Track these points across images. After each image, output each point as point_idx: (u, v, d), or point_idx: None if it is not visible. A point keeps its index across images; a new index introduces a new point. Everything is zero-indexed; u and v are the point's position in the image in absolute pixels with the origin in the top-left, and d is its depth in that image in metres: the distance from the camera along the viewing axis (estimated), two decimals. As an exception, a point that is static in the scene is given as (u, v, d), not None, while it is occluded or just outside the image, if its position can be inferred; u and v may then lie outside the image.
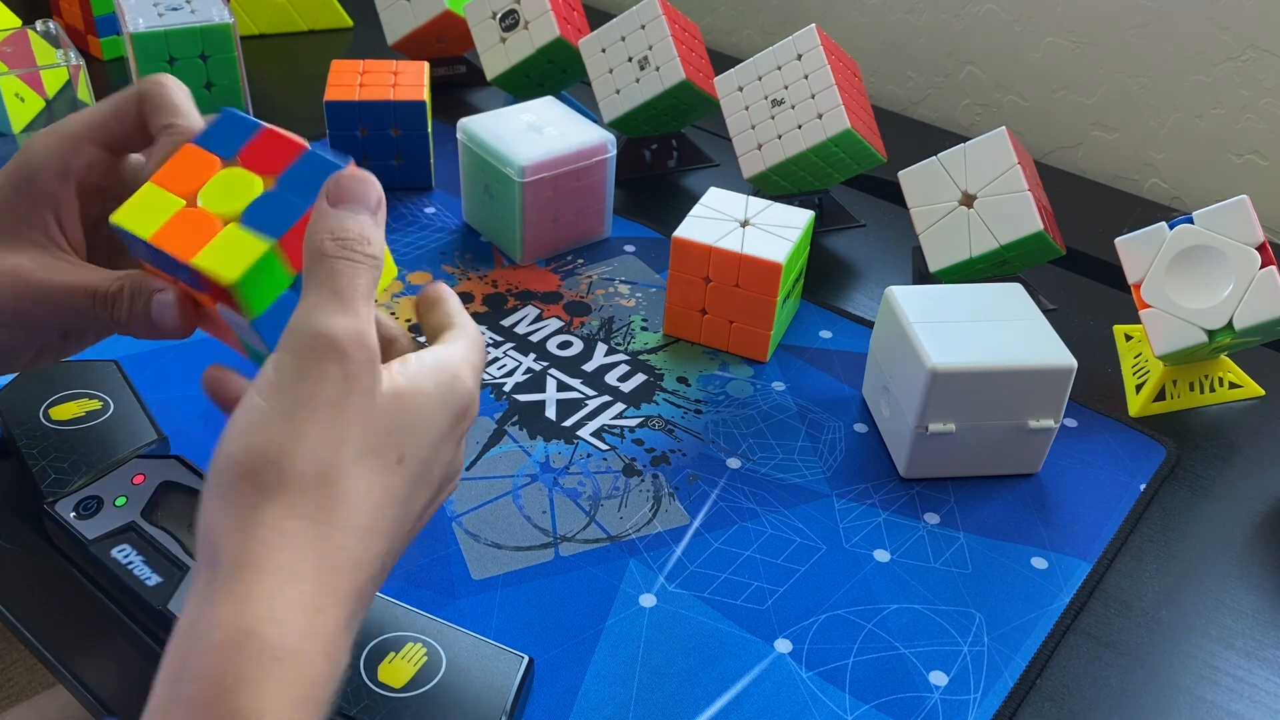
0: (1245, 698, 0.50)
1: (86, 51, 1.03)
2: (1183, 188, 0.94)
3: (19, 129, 0.81)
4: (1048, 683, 0.50)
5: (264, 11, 1.09)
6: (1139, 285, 0.64)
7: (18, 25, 0.85)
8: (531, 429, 0.62)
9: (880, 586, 0.53)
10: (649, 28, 0.81)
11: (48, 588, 0.51)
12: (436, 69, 0.98)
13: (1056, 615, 0.52)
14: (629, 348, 0.69)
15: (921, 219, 0.70)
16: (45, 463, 0.53)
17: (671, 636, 0.50)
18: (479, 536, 0.55)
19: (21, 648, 1.06)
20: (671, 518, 0.57)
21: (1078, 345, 0.69)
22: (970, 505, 0.58)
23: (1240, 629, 0.53)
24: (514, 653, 0.46)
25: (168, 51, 0.83)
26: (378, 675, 0.44)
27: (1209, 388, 0.67)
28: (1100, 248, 0.80)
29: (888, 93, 1.07)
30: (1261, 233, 0.61)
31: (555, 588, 0.52)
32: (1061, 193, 0.88)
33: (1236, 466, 0.63)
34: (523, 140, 0.73)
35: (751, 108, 0.77)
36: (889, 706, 0.48)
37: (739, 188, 0.77)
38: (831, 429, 0.63)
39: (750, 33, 1.14)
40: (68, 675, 0.48)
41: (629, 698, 0.47)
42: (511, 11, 0.88)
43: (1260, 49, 0.85)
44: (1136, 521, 0.59)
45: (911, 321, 0.58)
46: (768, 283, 0.65)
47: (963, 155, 0.69)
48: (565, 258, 0.77)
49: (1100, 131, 0.96)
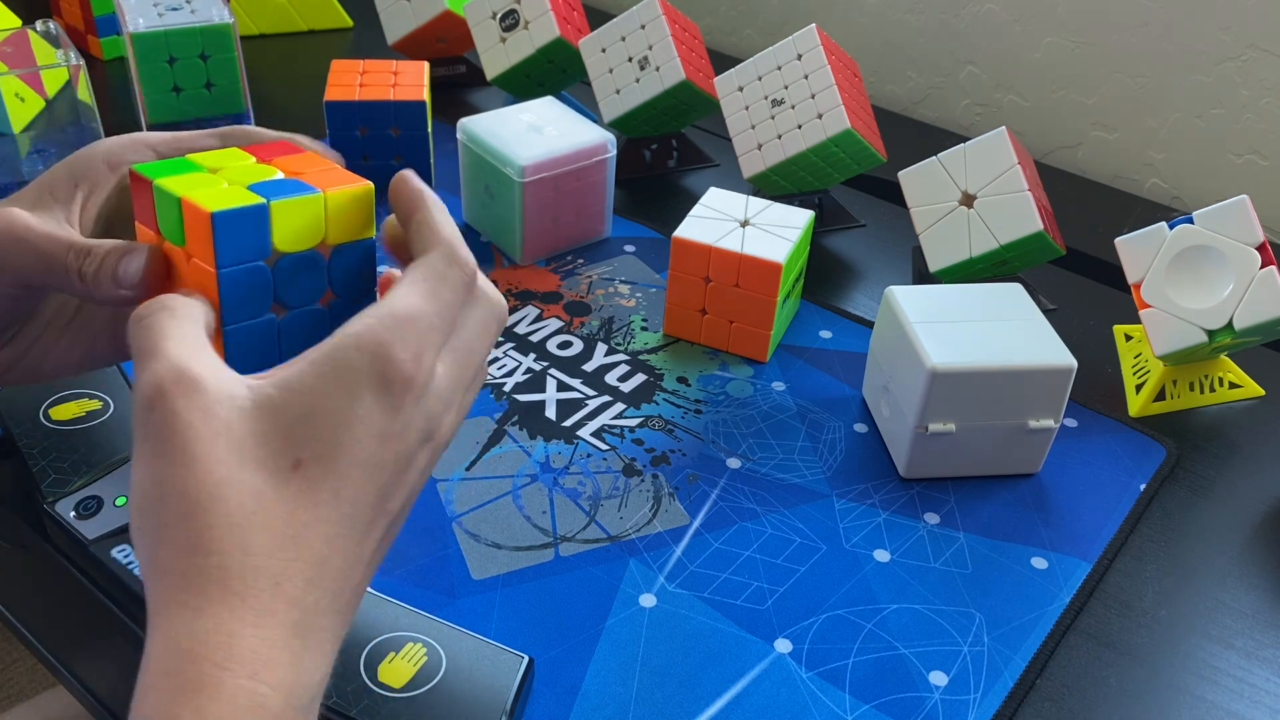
0: (1245, 698, 0.50)
1: (86, 51, 1.03)
2: (1183, 188, 0.94)
3: (19, 129, 0.81)
4: (1048, 683, 0.50)
5: (264, 11, 1.09)
6: (1139, 285, 0.64)
7: (18, 25, 0.85)
8: (531, 429, 0.62)
9: (880, 586, 0.53)
10: (649, 28, 0.81)
11: (48, 588, 0.51)
12: (436, 69, 0.98)
13: (1056, 615, 0.52)
14: (629, 348, 0.69)
15: (921, 219, 0.70)
16: (45, 463, 0.53)
17: (671, 636, 0.50)
18: (479, 536, 0.55)
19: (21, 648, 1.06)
20: (671, 518, 0.57)
21: (1078, 345, 0.69)
22: (970, 505, 0.58)
23: (1240, 629, 0.53)
24: (514, 653, 0.46)
25: (168, 51, 0.83)
26: (378, 675, 0.44)
27: (1209, 388, 0.67)
28: (1100, 248, 0.80)
29: (888, 93, 1.07)
30: (1261, 233, 0.61)
31: (555, 588, 0.52)
32: (1061, 193, 0.88)
33: (1236, 466, 0.63)
34: (523, 140, 0.73)
35: (751, 108, 0.77)
36: (889, 706, 0.48)
37: (739, 188, 0.77)
38: (831, 429, 0.63)
39: (750, 33, 1.14)
40: (68, 675, 0.48)
41: (629, 698, 0.47)
42: (511, 11, 0.88)
43: (1260, 49, 0.85)
44: (1136, 521, 0.59)
45: (911, 321, 0.58)
46: (768, 283, 0.65)
47: (963, 155, 0.69)
48: (565, 258, 0.77)
49: (1100, 131, 0.96)
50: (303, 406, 0.32)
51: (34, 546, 0.52)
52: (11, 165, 0.81)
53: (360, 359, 0.33)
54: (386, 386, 0.33)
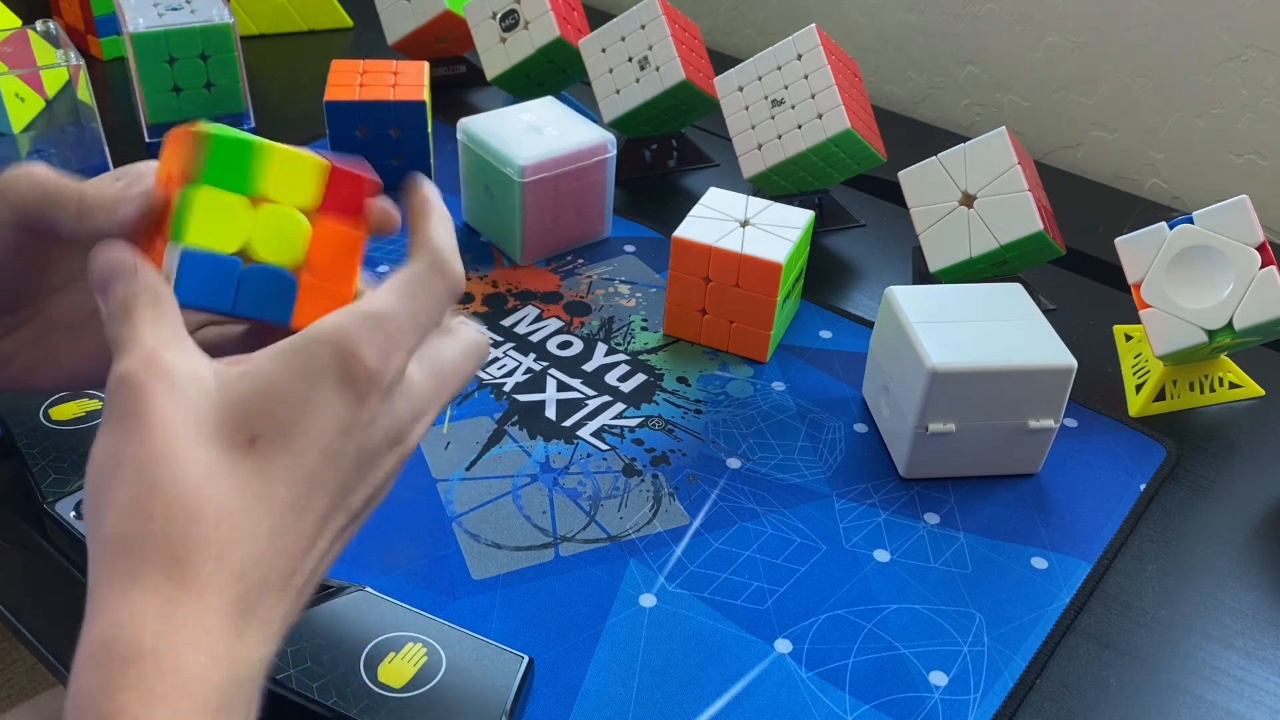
0: (1245, 698, 0.50)
1: (86, 51, 1.03)
2: (1183, 188, 0.94)
3: (19, 129, 0.81)
4: (1048, 683, 0.50)
5: (264, 11, 1.09)
6: (1139, 285, 0.64)
7: (18, 25, 0.85)
8: (531, 429, 0.62)
9: (880, 586, 0.53)
10: (649, 28, 0.81)
11: (48, 588, 0.51)
12: (436, 69, 0.98)
13: (1056, 615, 0.52)
14: (629, 348, 0.69)
15: (921, 219, 0.70)
16: (45, 463, 0.53)
17: (671, 636, 0.50)
18: (479, 536, 0.55)
19: (21, 648, 1.06)
20: (671, 518, 0.57)
21: (1078, 345, 0.69)
22: (970, 505, 0.58)
23: (1240, 629, 0.53)
24: (514, 653, 0.46)
25: (168, 51, 0.83)
26: (378, 675, 0.44)
27: (1209, 388, 0.67)
28: (1100, 248, 0.80)
29: (888, 93, 1.07)
30: (1261, 233, 0.61)
31: (555, 588, 0.52)
32: (1061, 193, 0.88)
33: (1236, 466, 0.63)
34: (523, 140, 0.73)
35: (751, 108, 0.77)
36: (889, 706, 0.48)
37: (739, 188, 0.77)
38: (831, 429, 0.63)
39: (750, 33, 1.14)
40: (68, 675, 0.48)
41: (629, 698, 0.47)
42: (511, 11, 0.88)
43: (1260, 49, 0.85)
44: (1136, 521, 0.59)
45: (911, 321, 0.58)
46: (768, 283, 0.65)
47: (963, 155, 0.69)
48: (565, 258, 0.77)
49: (1100, 131, 0.96)
50: (262, 389, 0.33)
51: (34, 546, 0.53)
52: (11, 165, 0.80)
53: (323, 350, 0.33)
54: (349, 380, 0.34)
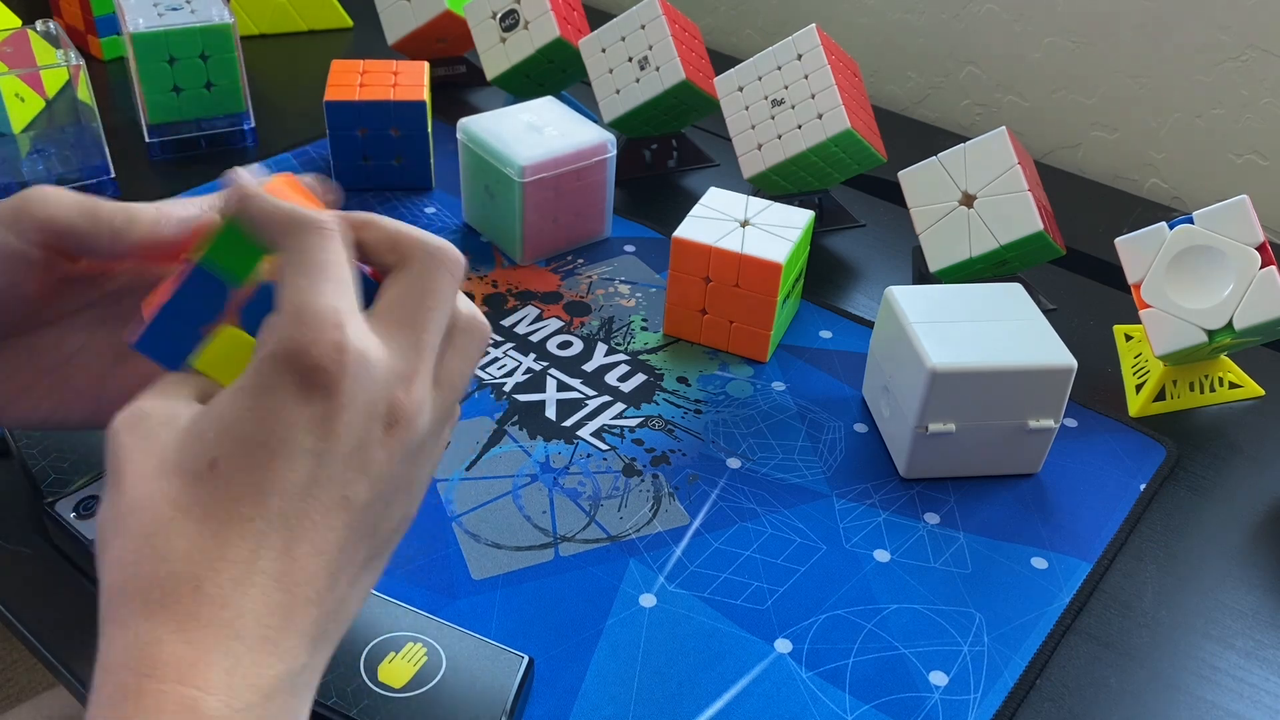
0: (1245, 698, 0.50)
1: (86, 51, 1.03)
2: (1183, 188, 0.94)
3: (19, 129, 0.81)
4: (1048, 683, 0.50)
5: (264, 11, 1.09)
6: (1139, 285, 0.64)
7: (18, 25, 0.85)
8: (531, 429, 0.62)
9: (880, 586, 0.53)
10: (649, 28, 0.81)
11: (48, 588, 0.51)
12: (436, 69, 0.98)
13: (1056, 615, 0.52)
14: (629, 348, 0.69)
15: (921, 219, 0.70)
16: (45, 463, 0.53)
17: (671, 636, 0.50)
18: (479, 536, 0.55)
19: (22, 648, 1.06)
20: (671, 518, 0.57)
21: (1078, 345, 0.69)
22: (970, 505, 0.58)
23: (1240, 629, 0.53)
24: (514, 653, 0.46)
25: (168, 51, 0.83)
26: (378, 675, 0.44)
27: (1209, 388, 0.67)
28: (1100, 248, 0.80)
29: (888, 93, 1.07)
30: (1261, 233, 0.61)
31: (555, 588, 0.52)
32: (1061, 193, 0.88)
33: (1236, 466, 0.63)
34: (523, 140, 0.73)
35: (751, 108, 0.77)
36: (889, 706, 0.48)
37: (739, 188, 0.77)
38: (831, 429, 0.63)
39: (750, 33, 1.14)
40: (68, 675, 0.48)
41: (629, 698, 0.47)
42: (511, 11, 0.88)
43: (1260, 49, 0.85)
44: (1136, 521, 0.59)
45: (911, 321, 0.58)
46: (768, 283, 0.65)
47: (963, 155, 0.69)
48: (565, 258, 0.77)
49: (1100, 131, 0.96)
50: (217, 411, 0.33)
51: (34, 546, 0.53)
52: (11, 165, 0.81)
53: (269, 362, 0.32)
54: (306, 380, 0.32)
